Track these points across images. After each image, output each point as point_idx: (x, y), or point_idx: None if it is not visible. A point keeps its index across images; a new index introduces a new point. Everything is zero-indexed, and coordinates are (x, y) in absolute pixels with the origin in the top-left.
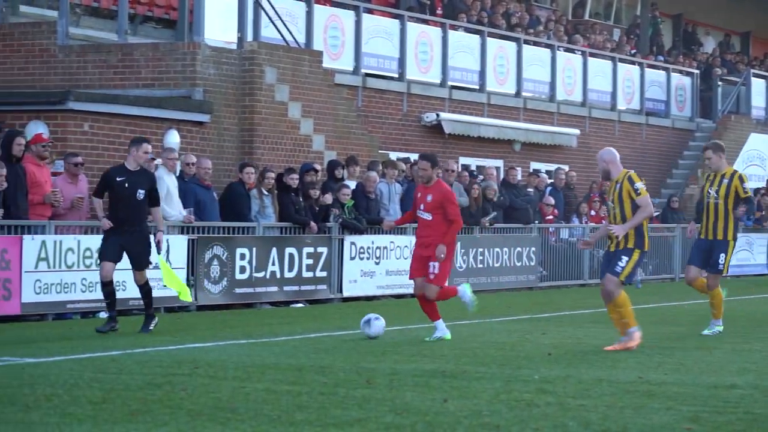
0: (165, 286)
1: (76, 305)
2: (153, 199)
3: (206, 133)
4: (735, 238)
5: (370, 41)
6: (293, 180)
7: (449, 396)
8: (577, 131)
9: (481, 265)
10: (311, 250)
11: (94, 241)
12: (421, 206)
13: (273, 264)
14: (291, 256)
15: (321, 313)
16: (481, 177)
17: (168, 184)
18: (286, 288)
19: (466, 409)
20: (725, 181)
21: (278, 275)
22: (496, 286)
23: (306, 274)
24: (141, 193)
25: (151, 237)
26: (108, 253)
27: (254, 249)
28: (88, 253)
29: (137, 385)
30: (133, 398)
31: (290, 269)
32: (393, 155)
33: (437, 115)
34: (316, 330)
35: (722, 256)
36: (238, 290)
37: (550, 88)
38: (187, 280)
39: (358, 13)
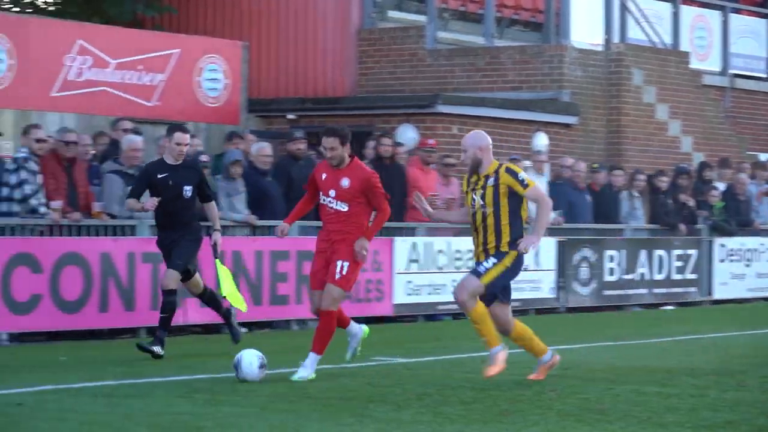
0: (223, 295)
1: (446, 306)
2: (204, 195)
3: (573, 136)
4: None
5: (737, 41)
6: (663, 182)
7: None
8: None
9: None
10: (680, 252)
11: (465, 243)
12: (331, 193)
13: (642, 266)
14: (660, 258)
15: (691, 315)
16: None
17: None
18: (655, 290)
19: None
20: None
21: (647, 277)
22: None
23: (675, 277)
24: (188, 190)
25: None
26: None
27: (623, 251)
28: (458, 255)
29: (507, 386)
30: (503, 398)
31: (659, 271)
32: (762, 156)
33: None
34: (685, 332)
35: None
36: (606, 292)
37: None
38: (557, 281)
39: (724, 12)
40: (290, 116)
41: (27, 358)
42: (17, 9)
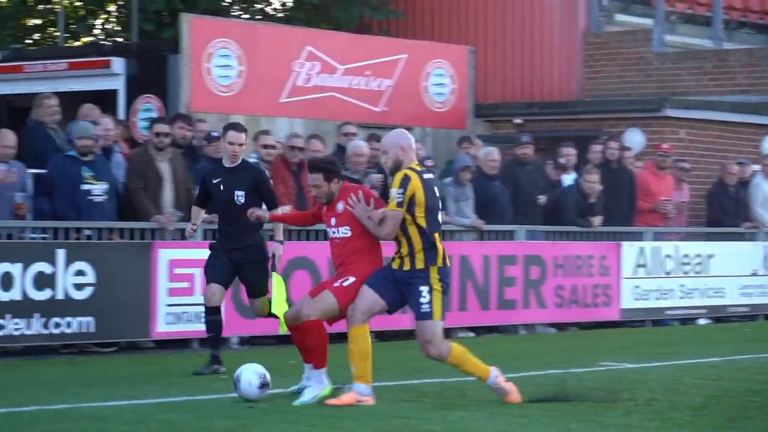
0: (269, 313)
1: (674, 311)
2: (266, 201)
3: None
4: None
5: None
6: None
7: None
8: None
9: None
10: None
11: (693, 247)
12: (332, 222)
13: None
14: None
15: None
16: None
17: (765, 190)
18: None
19: None
20: None
21: None
22: None
23: None
24: (240, 196)
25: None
26: (213, 272)
27: None
28: (686, 260)
29: (736, 392)
30: (732, 405)
31: None
32: None
33: None
34: None
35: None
36: None
37: None
38: None
39: None
40: (517, 120)
41: (256, 362)
42: (247, 16)
